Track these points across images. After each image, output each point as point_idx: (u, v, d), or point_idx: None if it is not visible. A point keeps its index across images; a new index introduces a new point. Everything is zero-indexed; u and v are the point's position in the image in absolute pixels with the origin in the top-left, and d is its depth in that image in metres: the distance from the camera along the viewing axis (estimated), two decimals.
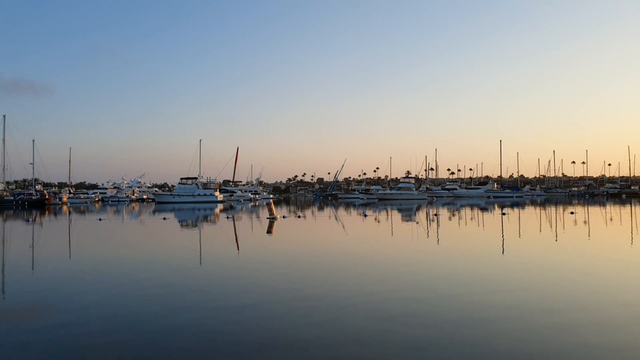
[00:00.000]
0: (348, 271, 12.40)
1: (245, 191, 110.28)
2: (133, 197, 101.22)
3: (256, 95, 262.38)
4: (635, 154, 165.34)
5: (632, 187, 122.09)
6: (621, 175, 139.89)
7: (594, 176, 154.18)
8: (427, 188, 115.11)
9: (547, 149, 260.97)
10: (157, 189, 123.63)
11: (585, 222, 30.40)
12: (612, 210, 47.39)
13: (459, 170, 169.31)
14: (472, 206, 58.64)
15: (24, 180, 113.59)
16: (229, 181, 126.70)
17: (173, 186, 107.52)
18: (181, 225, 31.83)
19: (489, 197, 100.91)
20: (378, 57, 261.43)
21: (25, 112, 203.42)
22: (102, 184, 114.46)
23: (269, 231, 26.00)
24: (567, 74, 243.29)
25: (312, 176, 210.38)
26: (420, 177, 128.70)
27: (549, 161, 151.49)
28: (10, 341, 6.80)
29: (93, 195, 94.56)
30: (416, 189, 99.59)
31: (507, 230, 25.35)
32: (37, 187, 78.46)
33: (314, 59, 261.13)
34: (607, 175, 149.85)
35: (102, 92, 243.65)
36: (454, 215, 40.31)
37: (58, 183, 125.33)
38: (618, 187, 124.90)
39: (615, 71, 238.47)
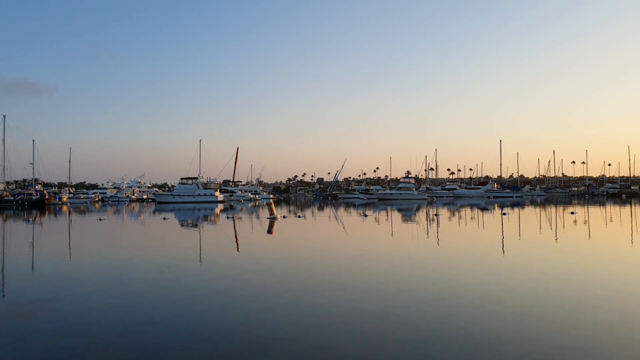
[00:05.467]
0: (348, 271, 12.40)
1: (245, 191, 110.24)
2: (133, 197, 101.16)
3: (256, 95, 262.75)
4: (635, 154, 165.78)
5: (632, 187, 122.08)
6: (621, 175, 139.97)
7: (594, 176, 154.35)
8: (427, 188, 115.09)
9: (547, 149, 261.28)
10: (157, 189, 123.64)
11: (585, 222, 30.40)
12: (612, 210, 47.39)
13: (459, 170, 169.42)
14: (472, 206, 58.63)
15: (24, 180, 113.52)
16: (229, 181, 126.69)
17: (173, 186, 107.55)
18: (181, 226, 31.83)
19: (489, 197, 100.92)
20: (377, 57, 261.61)
21: (25, 112, 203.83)
22: (102, 184, 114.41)
23: (270, 231, 26.00)
24: (567, 74, 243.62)
25: (312, 176, 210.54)
26: (420, 177, 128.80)
27: (549, 161, 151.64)
28: (11, 341, 6.81)
29: (93, 195, 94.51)
30: (416, 189, 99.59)
31: (507, 230, 25.35)
32: (37, 187, 78.38)
33: (313, 59, 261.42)
34: (607, 175, 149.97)
35: (102, 92, 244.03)
36: (454, 215, 40.30)
37: (58, 183, 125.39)
38: (618, 187, 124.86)
39: (615, 71, 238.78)
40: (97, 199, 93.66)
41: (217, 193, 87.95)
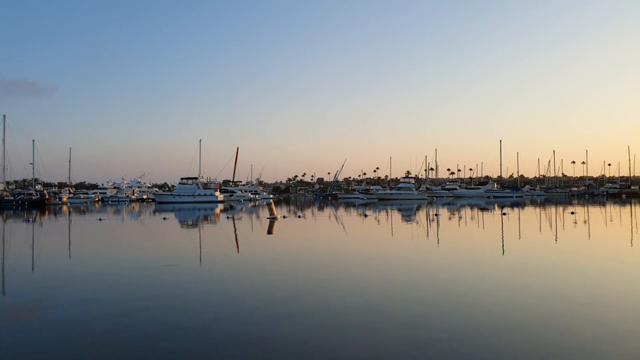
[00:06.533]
0: (348, 271, 12.40)
1: (245, 191, 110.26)
2: (133, 197, 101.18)
3: (256, 95, 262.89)
4: (635, 154, 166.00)
5: (632, 187, 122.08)
6: (621, 175, 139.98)
7: (594, 176, 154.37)
8: (427, 188, 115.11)
9: (547, 149, 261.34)
10: (157, 189, 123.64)
11: (585, 222, 30.40)
12: (612, 210, 47.38)
13: (459, 170, 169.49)
14: (472, 206, 58.63)
15: (24, 180, 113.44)
16: (229, 181, 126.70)
17: (173, 186, 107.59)
18: (181, 226, 31.82)
19: (489, 197, 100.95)
20: (377, 57, 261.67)
21: (25, 112, 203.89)
22: (102, 184, 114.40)
23: (270, 231, 25.99)
24: (567, 74, 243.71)
25: (312, 176, 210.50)
26: (420, 177, 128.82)
27: (549, 161, 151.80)
28: (11, 341, 6.80)
29: (93, 195, 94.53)
30: (416, 189, 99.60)
31: (507, 230, 25.35)
32: (37, 187, 78.37)
33: (313, 59, 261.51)
34: (607, 175, 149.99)
35: (102, 92, 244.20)
36: (454, 215, 40.30)
37: (58, 183, 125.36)
38: (618, 187, 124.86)
39: (615, 71, 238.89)
40: (97, 199, 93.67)
41: (217, 193, 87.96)
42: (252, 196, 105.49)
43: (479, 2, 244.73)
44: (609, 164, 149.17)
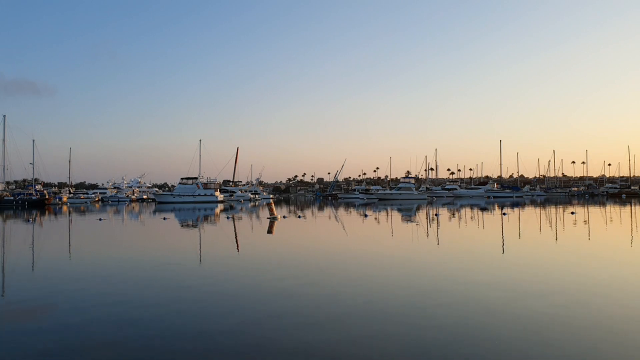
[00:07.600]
0: (348, 271, 12.40)
1: (245, 191, 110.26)
2: (133, 197, 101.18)
3: (256, 95, 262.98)
4: (635, 154, 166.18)
5: (632, 187, 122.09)
6: (621, 175, 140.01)
7: (594, 176, 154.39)
8: (427, 188, 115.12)
9: (547, 149, 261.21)
10: (157, 189, 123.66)
11: (585, 222, 30.40)
12: (612, 210, 47.38)
13: (459, 170, 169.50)
14: (472, 206, 58.63)
15: (24, 180, 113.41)
16: (229, 181, 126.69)
17: (173, 186, 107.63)
18: (181, 226, 31.82)
19: (489, 197, 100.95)
20: (377, 57, 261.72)
21: (25, 112, 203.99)
22: (102, 184, 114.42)
23: (270, 231, 26.00)
24: (567, 74, 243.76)
25: (312, 176, 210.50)
26: (420, 177, 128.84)
27: (549, 161, 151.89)
28: (11, 341, 6.80)
29: (93, 195, 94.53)
30: (416, 189, 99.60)
31: (507, 230, 25.35)
32: (37, 187, 78.35)
33: (313, 59, 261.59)
34: (607, 175, 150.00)
35: (102, 92, 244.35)
36: (454, 215, 40.30)
37: (58, 183, 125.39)
38: (618, 187, 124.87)
39: (615, 71, 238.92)
40: (97, 199, 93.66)
41: (217, 193, 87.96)
42: (252, 196, 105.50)
43: (479, 2, 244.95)
44: (609, 164, 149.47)
